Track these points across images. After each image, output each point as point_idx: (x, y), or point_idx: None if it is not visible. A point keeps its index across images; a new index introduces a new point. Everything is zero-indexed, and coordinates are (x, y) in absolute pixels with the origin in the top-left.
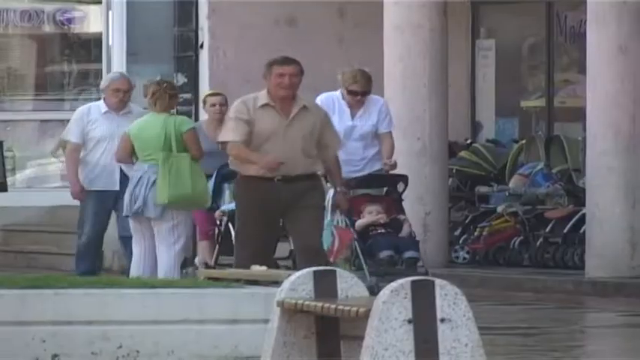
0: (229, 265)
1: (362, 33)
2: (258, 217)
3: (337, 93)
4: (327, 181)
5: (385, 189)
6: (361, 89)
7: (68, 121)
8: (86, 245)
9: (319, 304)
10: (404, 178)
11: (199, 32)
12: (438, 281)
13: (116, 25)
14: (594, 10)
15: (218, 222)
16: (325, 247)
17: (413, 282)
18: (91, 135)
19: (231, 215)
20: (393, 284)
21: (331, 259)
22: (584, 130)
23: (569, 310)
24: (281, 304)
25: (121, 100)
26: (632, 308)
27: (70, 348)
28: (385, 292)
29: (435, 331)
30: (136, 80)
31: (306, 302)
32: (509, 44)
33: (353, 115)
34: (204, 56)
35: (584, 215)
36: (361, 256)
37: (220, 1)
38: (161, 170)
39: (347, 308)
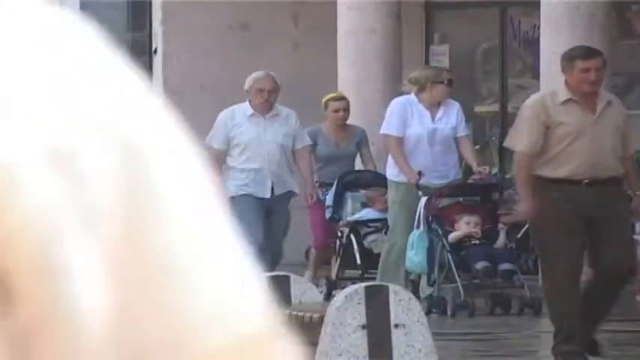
0: (352, 280)
1: (316, 38)
2: (567, 225)
3: (411, 96)
4: (419, 189)
5: (479, 198)
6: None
7: None
8: (261, 251)
9: None
10: (497, 187)
11: (153, 38)
12: (391, 287)
13: None
14: (548, 15)
15: (339, 234)
16: (420, 269)
17: (367, 287)
18: (237, 140)
19: (353, 226)
20: (347, 290)
21: None
22: None
23: (523, 315)
24: None
25: (266, 100)
26: None
27: None
28: (339, 297)
29: (389, 336)
30: None
31: None
32: (463, 49)
33: (433, 118)
34: (157, 62)
35: None
36: (454, 269)
37: (174, 7)
38: None
39: (301, 314)
